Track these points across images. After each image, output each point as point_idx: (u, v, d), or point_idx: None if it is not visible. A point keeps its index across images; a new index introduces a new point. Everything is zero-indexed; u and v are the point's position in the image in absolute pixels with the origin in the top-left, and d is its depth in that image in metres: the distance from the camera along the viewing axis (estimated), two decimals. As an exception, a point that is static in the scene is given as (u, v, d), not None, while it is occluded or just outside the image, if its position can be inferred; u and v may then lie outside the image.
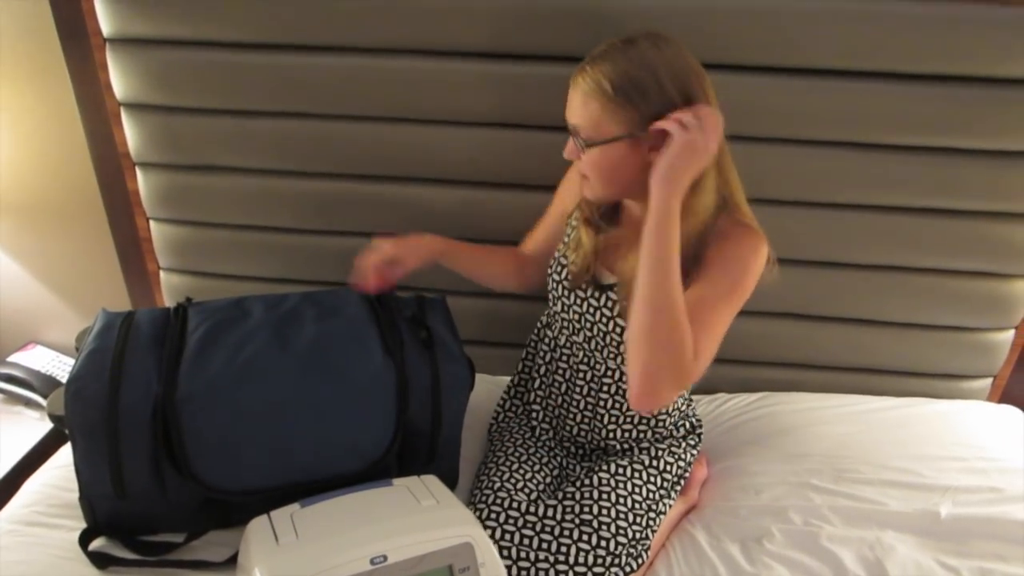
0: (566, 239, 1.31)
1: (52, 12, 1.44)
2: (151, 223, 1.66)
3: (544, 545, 1.17)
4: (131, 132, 1.54)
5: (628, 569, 1.17)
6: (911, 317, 1.57)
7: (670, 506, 1.31)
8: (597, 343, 1.28)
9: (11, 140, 1.62)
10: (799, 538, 1.26)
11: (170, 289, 1.73)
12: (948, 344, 1.59)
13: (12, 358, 1.78)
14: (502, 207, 1.54)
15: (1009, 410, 1.60)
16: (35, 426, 1.66)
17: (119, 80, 1.48)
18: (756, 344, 1.62)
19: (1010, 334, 1.59)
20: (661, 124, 1.03)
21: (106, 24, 1.43)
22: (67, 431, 1.16)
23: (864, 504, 1.32)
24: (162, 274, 1.73)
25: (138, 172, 1.60)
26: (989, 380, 1.65)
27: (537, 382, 1.42)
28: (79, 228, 1.71)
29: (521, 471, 1.29)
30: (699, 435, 1.40)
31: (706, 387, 1.63)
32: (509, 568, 1.13)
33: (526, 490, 1.26)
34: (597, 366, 1.31)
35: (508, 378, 1.51)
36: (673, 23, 1.30)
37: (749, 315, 1.56)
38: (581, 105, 1.08)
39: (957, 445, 1.46)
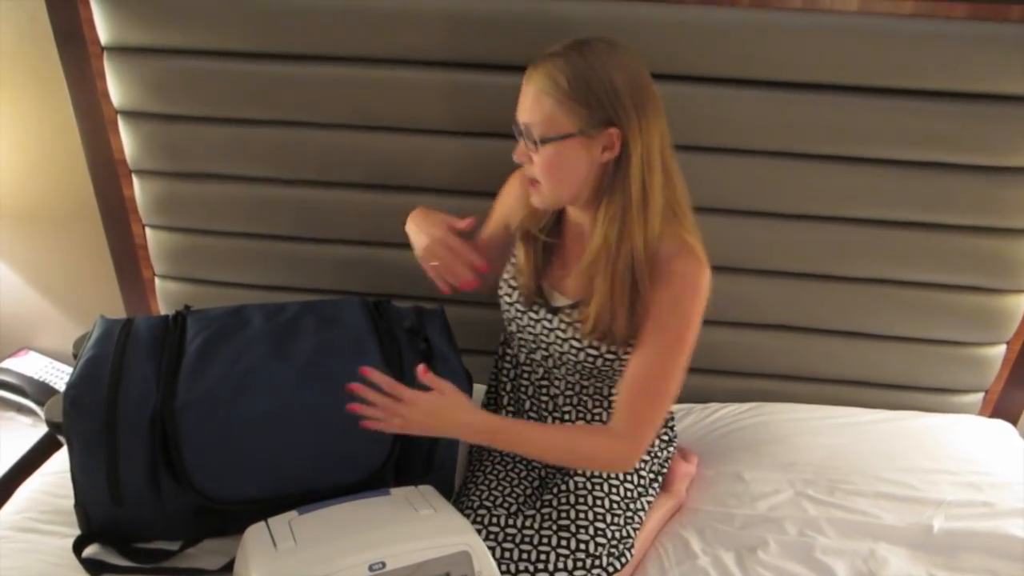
0: (513, 260, 1.30)
1: (50, 20, 1.45)
2: (147, 230, 1.66)
3: (524, 555, 1.18)
4: (128, 140, 1.54)
5: (611, 569, 1.18)
6: (903, 331, 1.58)
7: (650, 503, 1.32)
8: (554, 361, 1.28)
9: (8, 147, 1.62)
10: (793, 549, 1.27)
11: (165, 296, 1.73)
12: (940, 358, 1.60)
13: (5, 364, 1.77)
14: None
15: (1001, 425, 1.62)
16: (28, 432, 1.65)
17: (116, 88, 1.48)
18: (748, 355, 1.63)
19: (1001, 349, 1.60)
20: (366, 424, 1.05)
21: (104, 32, 1.43)
22: (64, 438, 1.15)
23: (858, 516, 1.33)
24: (157, 281, 1.72)
25: (134, 179, 1.60)
26: (981, 395, 1.66)
27: (505, 399, 1.41)
28: (74, 234, 1.71)
29: (500, 487, 1.30)
30: (671, 427, 1.41)
31: (699, 396, 1.64)
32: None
33: (505, 504, 1.26)
34: (556, 382, 1.32)
35: (483, 386, 1.50)
36: (640, 35, 1.32)
37: (742, 327, 1.59)
38: (534, 102, 1.07)
39: (949, 459, 1.47)
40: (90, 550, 1.20)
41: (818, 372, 1.64)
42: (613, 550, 1.20)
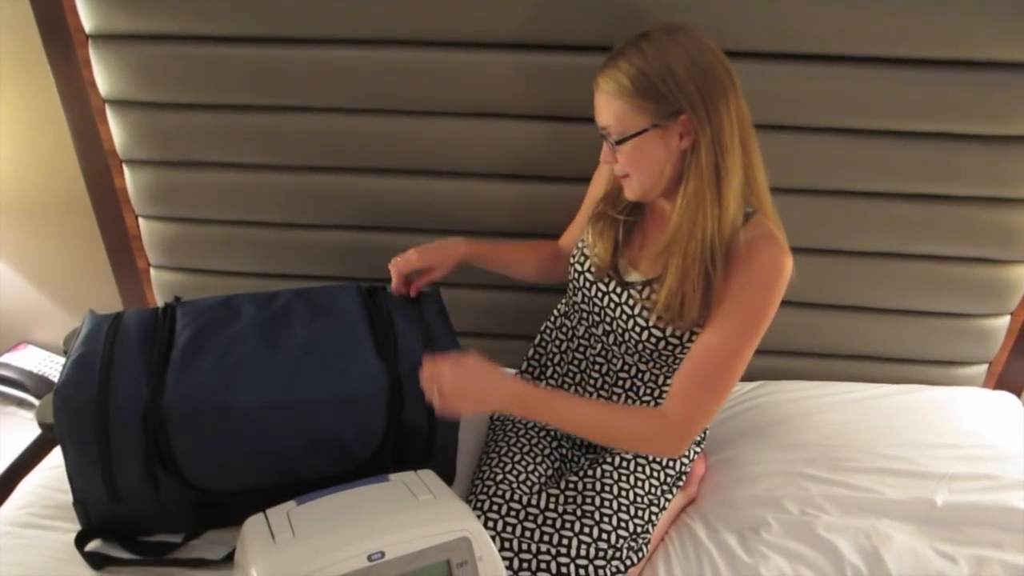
0: (583, 240, 1.30)
1: (33, 10, 1.42)
2: (140, 220, 1.65)
3: (546, 537, 1.17)
4: (116, 129, 1.52)
5: (629, 562, 1.17)
6: (906, 304, 1.56)
7: (670, 500, 1.31)
8: (616, 338, 1.27)
9: (-4, 139, 1.60)
10: (796, 528, 1.26)
11: (161, 286, 1.72)
12: (943, 330, 1.59)
13: (4, 358, 1.77)
14: (500, 199, 1.54)
15: (1005, 396, 1.61)
16: (28, 426, 1.65)
17: (103, 77, 1.46)
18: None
19: (1006, 320, 1.58)
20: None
21: (88, 20, 1.41)
22: (57, 439, 1.14)
23: (860, 493, 1.32)
24: (152, 271, 1.71)
25: (125, 169, 1.58)
26: (984, 366, 1.65)
27: (550, 371, 1.40)
28: (68, 227, 1.69)
29: (523, 463, 1.29)
30: (704, 432, 1.40)
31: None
32: (511, 560, 1.13)
33: (528, 482, 1.25)
34: (614, 360, 1.30)
35: (509, 370, 1.49)
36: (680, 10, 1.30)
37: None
38: (606, 106, 1.09)
39: (953, 432, 1.46)
40: (93, 544, 1.21)
41: (822, 347, 1.63)
42: (633, 543, 1.19)
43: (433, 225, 1.57)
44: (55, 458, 1.39)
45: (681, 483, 1.34)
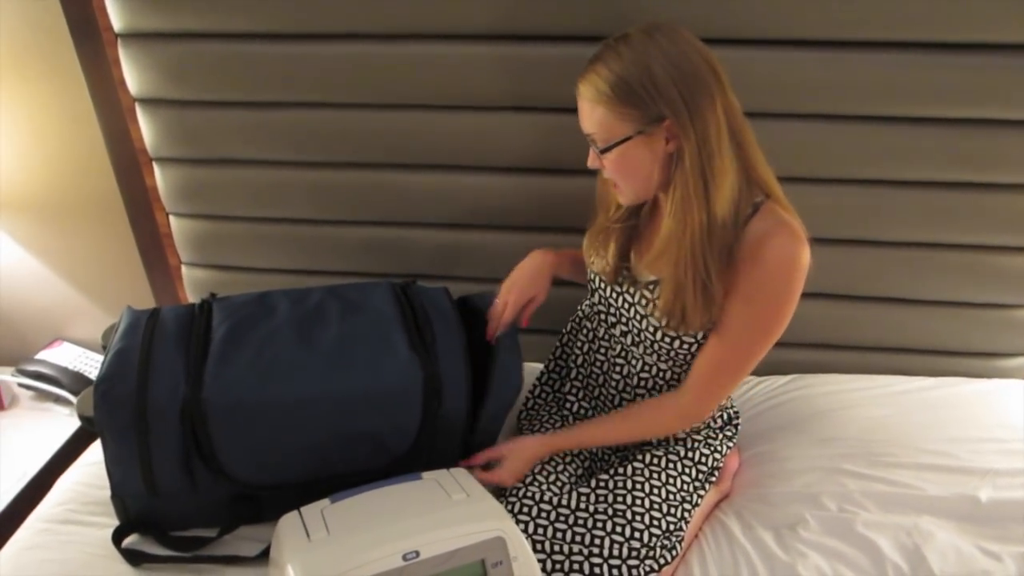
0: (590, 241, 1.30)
1: (63, 9, 1.43)
2: (171, 218, 1.66)
3: (578, 537, 1.16)
4: (146, 128, 1.53)
5: (663, 561, 1.16)
6: (947, 295, 1.53)
7: (702, 497, 1.29)
8: (633, 338, 1.26)
9: (29, 139, 1.61)
10: (834, 525, 1.24)
11: (192, 283, 1.73)
12: (985, 322, 1.55)
13: (40, 355, 1.79)
14: (525, 192, 1.52)
15: (1049, 389, 1.56)
16: (65, 422, 1.67)
17: (132, 75, 1.47)
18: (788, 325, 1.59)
19: (1049, 310, 1.54)
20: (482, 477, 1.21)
21: (117, 19, 1.41)
22: (97, 432, 1.16)
23: (900, 489, 1.30)
24: (184, 268, 1.73)
25: (155, 167, 1.59)
26: (1027, 358, 1.60)
27: (574, 372, 1.41)
28: (100, 225, 1.71)
29: (552, 462, 1.28)
30: (736, 426, 1.38)
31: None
32: (543, 561, 1.12)
33: (558, 482, 1.24)
34: (634, 360, 1.29)
35: (538, 365, 1.49)
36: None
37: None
38: (589, 113, 1.07)
39: (996, 426, 1.43)
40: (129, 540, 1.22)
41: (858, 340, 1.60)
42: (666, 542, 1.18)
43: (460, 220, 1.57)
44: (93, 454, 1.41)
45: (714, 479, 1.32)
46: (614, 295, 1.26)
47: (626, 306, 1.24)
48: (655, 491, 1.22)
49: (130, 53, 1.44)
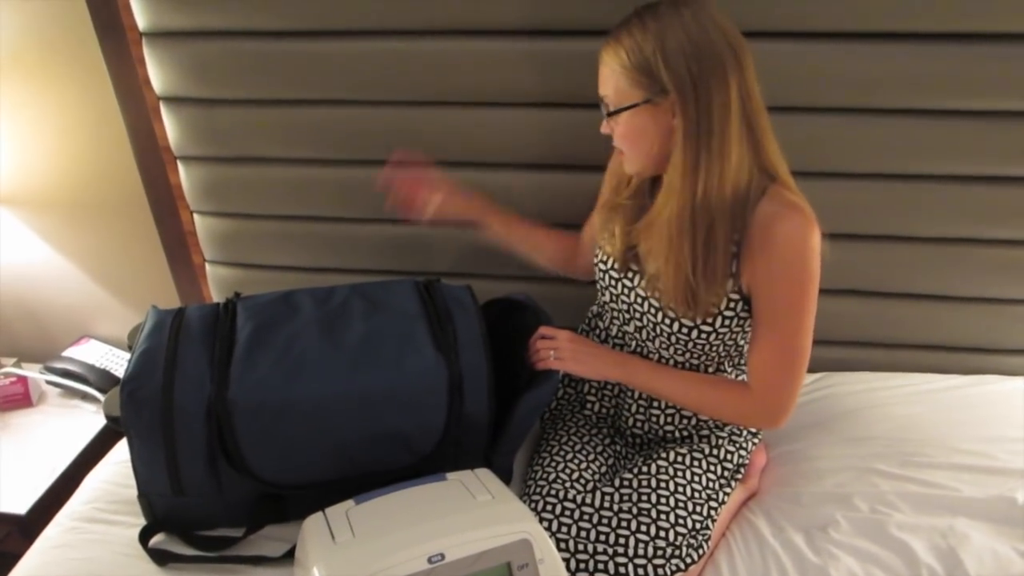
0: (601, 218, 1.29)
1: (88, 8, 1.43)
2: (195, 216, 1.66)
3: (602, 537, 1.15)
4: (171, 126, 1.53)
5: (689, 560, 1.14)
6: (980, 291, 1.49)
7: (729, 494, 1.27)
8: (648, 333, 1.24)
9: (55, 138, 1.63)
10: (866, 526, 1.21)
11: (216, 281, 1.73)
12: (1020, 318, 1.51)
13: (67, 353, 1.81)
14: (549, 189, 1.51)
15: (1086, 387, 1.52)
16: (92, 420, 1.69)
17: (157, 74, 1.47)
18: (817, 322, 1.55)
19: (1087, 306, 1.50)
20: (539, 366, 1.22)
21: (142, 18, 1.42)
22: (124, 431, 1.16)
23: (934, 490, 1.27)
24: (208, 267, 1.73)
25: (180, 166, 1.59)
26: (1065, 355, 1.56)
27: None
28: (125, 223, 1.72)
29: (576, 460, 1.27)
30: None
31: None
32: (567, 560, 1.12)
33: (581, 480, 1.23)
34: (650, 356, 1.27)
35: None
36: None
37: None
38: (607, 76, 1.10)
39: (1033, 426, 1.39)
40: (156, 539, 1.22)
41: (890, 337, 1.57)
42: (692, 541, 1.16)
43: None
44: (119, 453, 1.42)
45: (739, 476, 1.30)
46: (625, 290, 1.24)
47: (638, 300, 1.22)
48: (680, 489, 1.20)
49: (155, 52, 1.44)
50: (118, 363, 1.79)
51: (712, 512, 1.22)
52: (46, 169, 1.67)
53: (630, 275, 1.23)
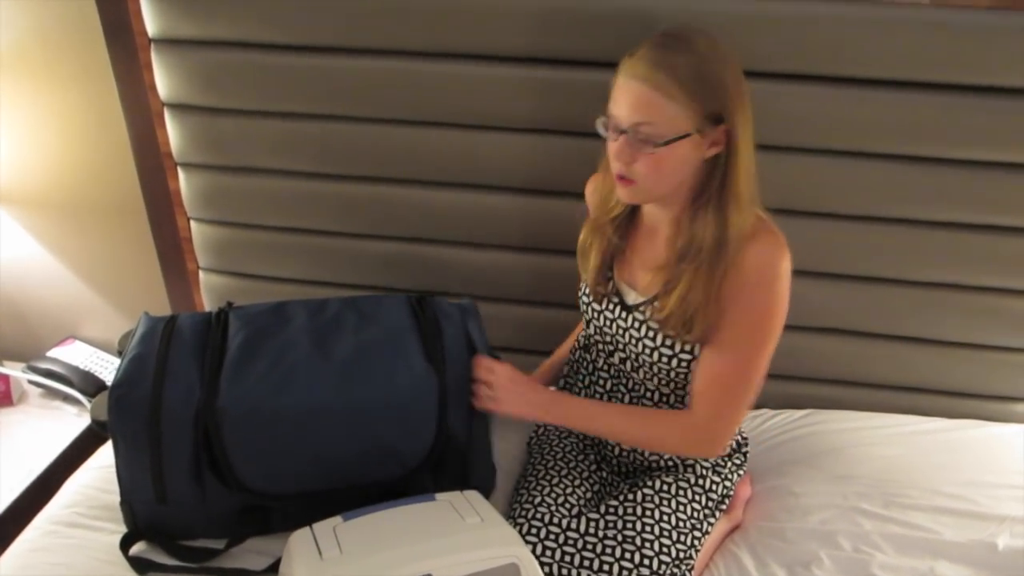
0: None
1: (98, 12, 1.44)
2: (192, 223, 1.66)
3: (586, 563, 1.15)
4: (174, 132, 1.53)
5: (672, 589, 1.15)
6: (965, 336, 1.52)
7: (713, 524, 1.28)
8: (631, 364, 1.25)
9: (56, 139, 1.62)
10: (849, 565, 1.22)
11: (209, 289, 1.72)
12: (1003, 365, 1.53)
13: (51, 353, 1.79)
14: (537, 213, 1.52)
15: (1067, 435, 1.55)
16: (73, 422, 1.67)
17: (163, 80, 1.47)
18: (803, 360, 1.58)
19: (1069, 356, 1.53)
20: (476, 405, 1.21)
21: (152, 24, 1.42)
22: (110, 436, 1.15)
23: (916, 532, 1.28)
24: (201, 274, 1.72)
25: (180, 172, 1.59)
26: (1045, 404, 1.59)
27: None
28: (120, 226, 1.71)
29: (561, 485, 1.27)
30: (744, 454, 1.37)
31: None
32: (551, 584, 1.11)
33: (567, 505, 1.23)
34: (636, 387, 1.28)
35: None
36: (719, 31, 1.26)
37: (797, 330, 1.54)
38: (645, 100, 1.00)
39: (1013, 472, 1.41)
40: (137, 548, 1.21)
41: (875, 378, 1.59)
42: (676, 570, 1.16)
43: (481, 240, 1.56)
44: (102, 458, 1.40)
45: (724, 507, 1.31)
46: (607, 322, 1.25)
47: (620, 331, 1.23)
48: (665, 518, 1.21)
49: (162, 58, 1.45)
50: (103, 366, 1.77)
51: (696, 542, 1.22)
52: (44, 168, 1.66)
53: (611, 307, 1.23)
